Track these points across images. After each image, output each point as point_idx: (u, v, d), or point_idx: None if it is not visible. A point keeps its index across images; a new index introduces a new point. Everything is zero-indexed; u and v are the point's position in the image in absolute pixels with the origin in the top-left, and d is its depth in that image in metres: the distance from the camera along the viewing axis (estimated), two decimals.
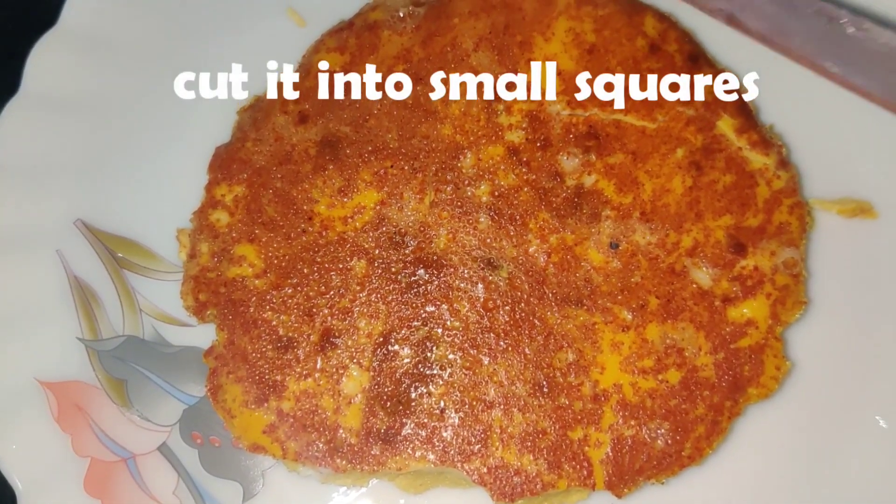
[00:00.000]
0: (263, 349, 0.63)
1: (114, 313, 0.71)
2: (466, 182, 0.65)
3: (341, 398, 0.62)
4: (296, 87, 0.69)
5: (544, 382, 0.61)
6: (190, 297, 0.65)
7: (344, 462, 0.61)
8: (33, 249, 0.71)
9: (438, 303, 0.63)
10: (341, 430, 0.61)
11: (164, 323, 0.72)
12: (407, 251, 0.64)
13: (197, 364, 0.70)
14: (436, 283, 0.63)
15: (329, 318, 0.63)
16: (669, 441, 0.60)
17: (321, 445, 0.61)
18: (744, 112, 0.66)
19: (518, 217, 0.64)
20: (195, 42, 0.77)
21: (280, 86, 0.70)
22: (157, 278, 0.72)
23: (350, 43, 0.70)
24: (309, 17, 0.78)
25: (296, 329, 0.63)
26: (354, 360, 0.62)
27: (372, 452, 0.61)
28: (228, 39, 0.77)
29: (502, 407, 0.61)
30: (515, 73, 0.67)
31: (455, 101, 0.67)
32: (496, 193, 0.64)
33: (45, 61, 0.74)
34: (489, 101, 0.66)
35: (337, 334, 0.63)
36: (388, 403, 0.61)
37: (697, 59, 0.67)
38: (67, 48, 0.74)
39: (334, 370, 0.62)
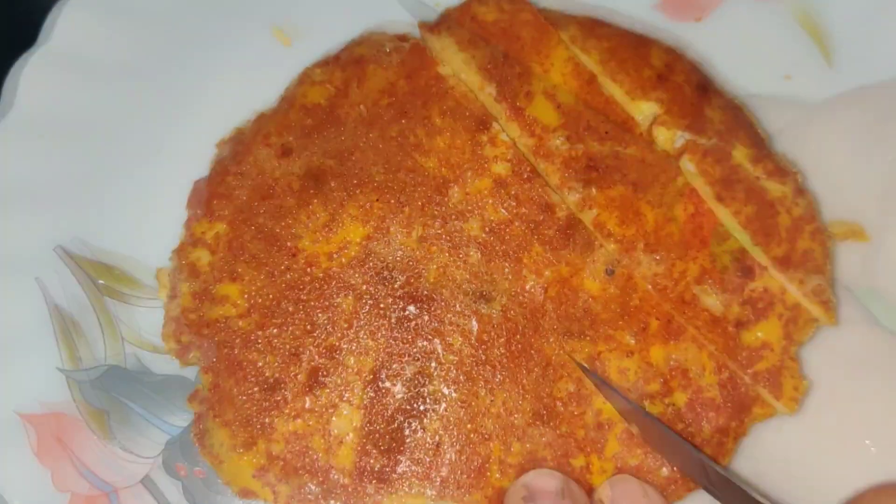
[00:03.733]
0: (250, 391, 0.61)
1: (95, 342, 0.68)
2: (454, 216, 0.63)
3: (332, 438, 0.60)
4: (279, 119, 0.67)
5: (544, 412, 0.59)
6: (172, 340, 0.63)
7: None
8: (11, 277, 0.68)
9: (430, 337, 0.61)
10: (333, 471, 0.59)
11: (146, 351, 0.69)
12: (396, 286, 0.62)
13: (180, 393, 0.67)
14: (427, 317, 0.61)
15: (316, 356, 0.61)
16: (675, 468, 0.59)
17: (314, 487, 0.59)
18: (757, 141, 0.65)
19: (511, 252, 0.62)
20: (183, 64, 0.74)
21: (261, 117, 0.68)
22: (140, 305, 0.70)
23: (336, 76, 0.68)
24: (294, 37, 0.76)
25: (283, 369, 0.61)
26: (345, 399, 0.60)
27: (367, 492, 0.59)
28: (217, 62, 0.75)
29: (500, 437, 0.59)
30: (514, 105, 0.65)
31: (440, 134, 0.65)
32: (487, 229, 0.63)
33: (26, 82, 0.71)
34: (473, 133, 0.65)
35: (325, 373, 0.61)
36: (382, 441, 0.59)
37: (707, 90, 0.66)
38: (50, 70, 0.71)
39: (324, 410, 0.60)
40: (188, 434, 0.67)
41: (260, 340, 0.62)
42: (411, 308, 0.61)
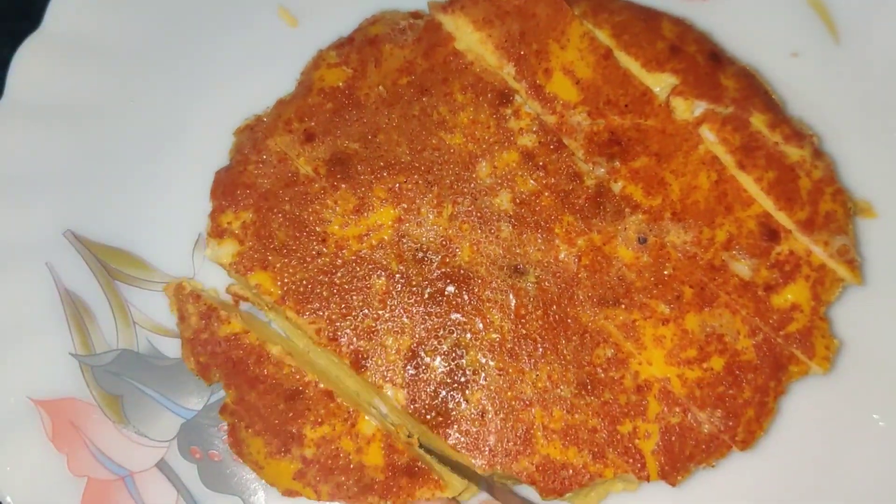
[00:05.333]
0: (273, 403, 0.61)
1: (107, 327, 0.68)
2: (484, 192, 0.63)
3: (360, 439, 0.61)
4: (298, 104, 0.66)
5: (588, 381, 0.60)
6: (191, 361, 0.63)
7: (376, 498, 0.60)
8: (22, 262, 0.67)
9: (472, 315, 0.61)
10: (366, 469, 0.60)
11: (158, 335, 0.68)
12: (433, 267, 0.62)
13: (194, 376, 0.67)
14: (466, 296, 0.61)
15: (355, 339, 0.61)
16: (722, 428, 0.60)
17: (352, 485, 0.60)
18: (772, 107, 0.65)
19: (543, 223, 0.62)
20: (185, 46, 0.73)
21: (280, 103, 0.67)
22: (150, 289, 0.69)
23: (352, 58, 0.67)
24: (300, 17, 0.75)
25: (297, 380, 0.62)
26: (387, 379, 0.61)
27: (400, 484, 0.60)
28: (219, 42, 0.74)
29: (541, 403, 0.60)
30: (534, 83, 0.65)
31: (463, 110, 0.65)
32: (517, 201, 0.62)
33: (29, 66, 0.70)
34: (497, 107, 0.64)
35: (366, 356, 0.61)
36: (429, 416, 0.60)
37: (719, 58, 0.66)
38: (52, 52, 0.70)
39: (346, 414, 0.61)
40: (202, 416, 0.67)
41: (272, 359, 0.63)
42: (450, 288, 0.61)
